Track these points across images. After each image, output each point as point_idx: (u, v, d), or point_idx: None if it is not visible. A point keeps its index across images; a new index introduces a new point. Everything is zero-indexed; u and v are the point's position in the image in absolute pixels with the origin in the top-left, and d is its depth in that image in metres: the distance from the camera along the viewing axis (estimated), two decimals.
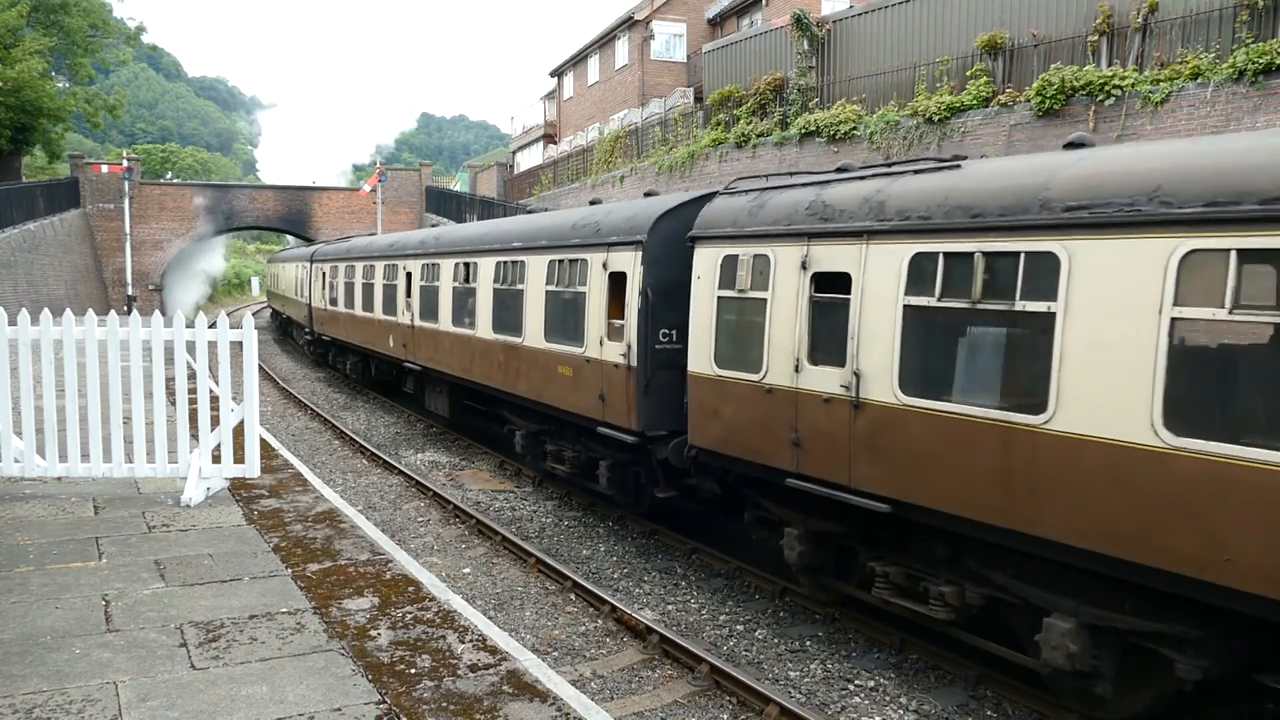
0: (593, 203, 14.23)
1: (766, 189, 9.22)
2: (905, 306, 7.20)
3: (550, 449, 13.21)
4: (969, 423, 6.65)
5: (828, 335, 7.94)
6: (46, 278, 33.15)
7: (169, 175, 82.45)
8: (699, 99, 30.67)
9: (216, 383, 8.87)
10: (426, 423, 19.41)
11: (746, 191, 9.49)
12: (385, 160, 50.94)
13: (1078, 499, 5.98)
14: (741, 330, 8.99)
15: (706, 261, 9.40)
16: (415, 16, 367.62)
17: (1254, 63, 13.62)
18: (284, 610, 5.94)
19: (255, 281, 73.09)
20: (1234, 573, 5.18)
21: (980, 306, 6.61)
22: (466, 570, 10.20)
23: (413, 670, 5.15)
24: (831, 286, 7.96)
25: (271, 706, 4.62)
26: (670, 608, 9.17)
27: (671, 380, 10.19)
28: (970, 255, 6.69)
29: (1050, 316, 6.14)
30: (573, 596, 9.38)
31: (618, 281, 10.95)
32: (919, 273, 7.12)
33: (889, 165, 8.47)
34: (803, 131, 22.04)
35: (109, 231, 41.98)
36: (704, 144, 25.93)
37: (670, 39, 37.27)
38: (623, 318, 10.80)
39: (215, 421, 8.60)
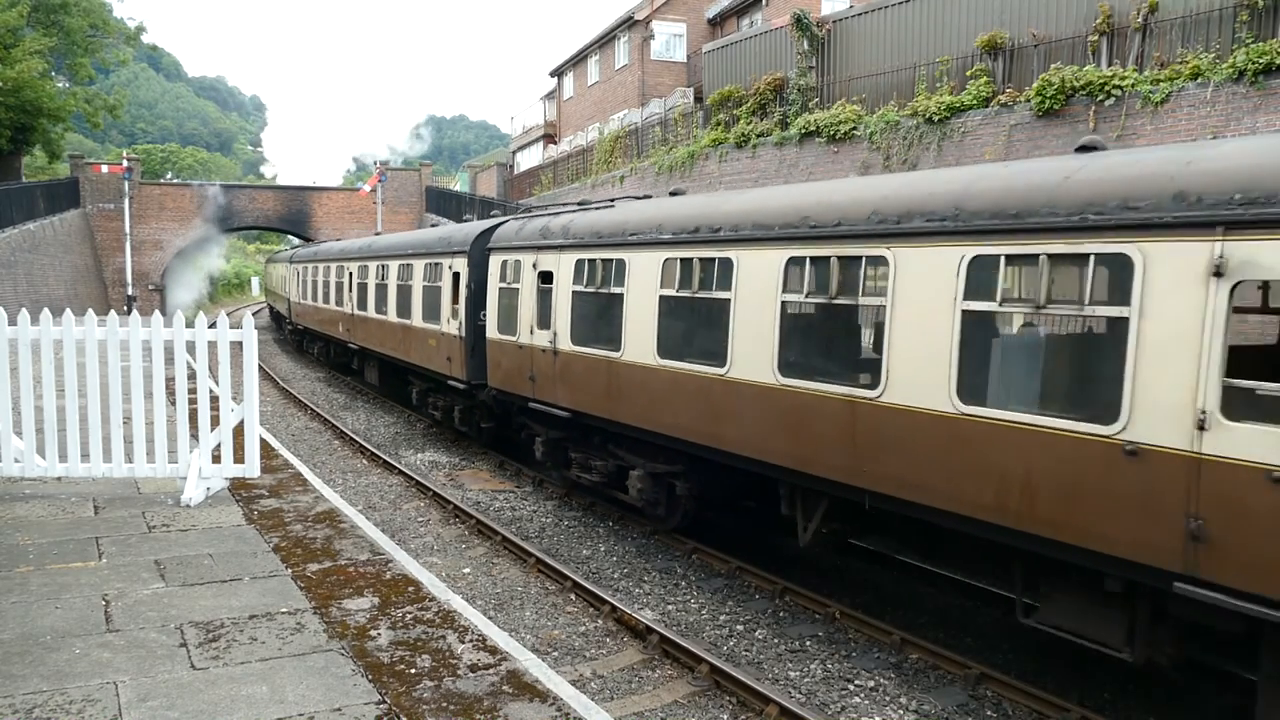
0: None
1: (529, 217, 13.79)
2: (573, 291, 11.62)
3: (430, 400, 17.91)
4: (596, 358, 11.09)
5: (544, 311, 12.33)
6: (46, 278, 33.15)
7: (169, 175, 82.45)
8: (699, 99, 30.67)
9: (216, 383, 8.87)
10: (426, 423, 19.42)
11: (520, 218, 14.20)
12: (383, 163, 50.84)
13: (633, 397, 10.36)
14: (509, 309, 13.37)
15: (495, 264, 13.92)
16: (415, 17, 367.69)
17: (1254, 63, 13.62)
18: (284, 610, 5.94)
19: (255, 281, 73.11)
20: (683, 430, 9.60)
21: (599, 290, 11.07)
22: (466, 570, 10.20)
23: (413, 670, 5.15)
24: (547, 280, 12.30)
25: (271, 706, 4.62)
26: (670, 608, 9.17)
27: (486, 346, 14.26)
28: (596, 261, 11.17)
29: (621, 296, 10.55)
30: (573, 596, 9.38)
31: (456, 279, 15.36)
32: (579, 271, 11.50)
33: (585, 204, 12.92)
34: (803, 131, 22.04)
35: (109, 231, 41.96)
36: (704, 144, 25.93)
37: (670, 39, 37.27)
38: (458, 303, 15.15)
39: (215, 421, 8.60)
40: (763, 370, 8.42)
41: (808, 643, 8.27)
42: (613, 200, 12.53)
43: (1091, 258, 5.95)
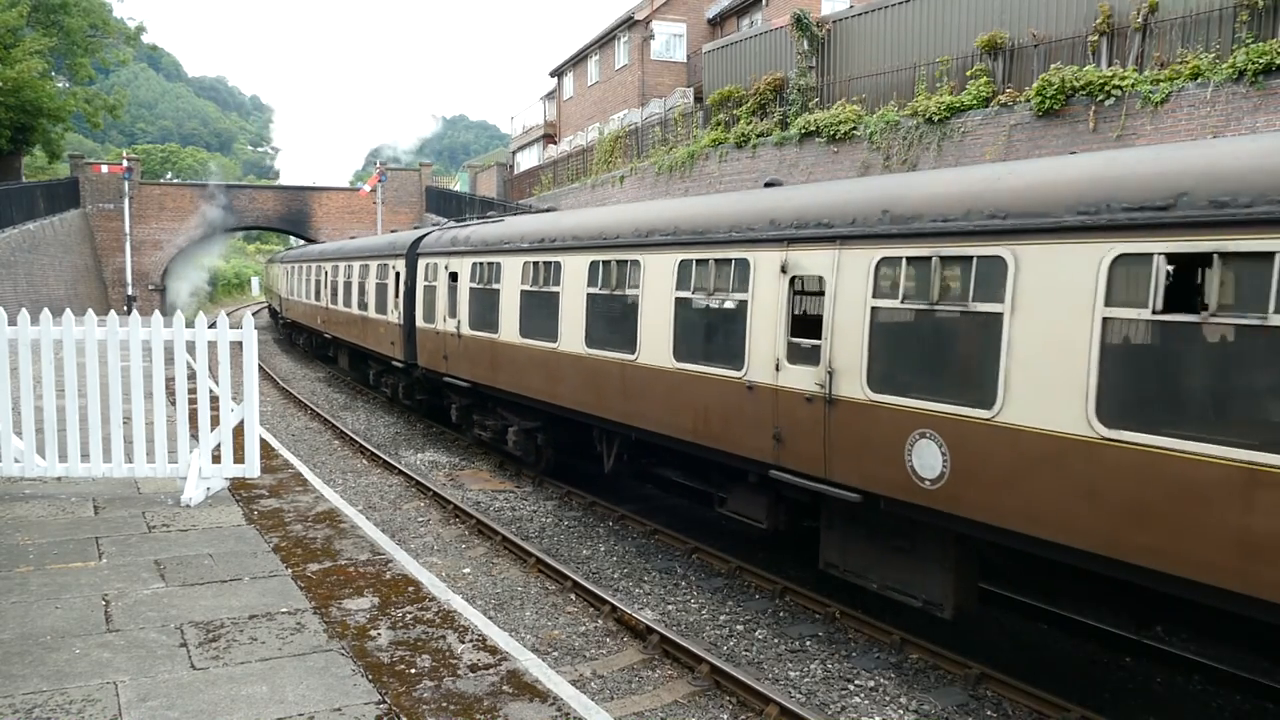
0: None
1: (444, 229, 17.89)
2: (470, 288, 14.86)
3: (382, 380, 21.80)
4: (485, 340, 14.21)
5: (453, 303, 15.62)
6: (46, 278, 33.14)
7: (169, 175, 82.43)
8: (699, 99, 30.65)
9: (216, 383, 8.87)
10: (426, 423, 19.42)
11: (439, 230, 18.36)
12: (384, 161, 50.83)
13: (507, 369, 13.49)
14: (431, 302, 16.70)
15: (422, 266, 17.41)
16: (414, 17, 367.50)
17: (1254, 63, 13.62)
18: (284, 610, 5.94)
19: (255, 281, 73.14)
20: (537, 392, 12.60)
21: (486, 287, 14.19)
22: (466, 570, 10.20)
23: (413, 670, 5.15)
24: (454, 279, 15.63)
25: (271, 706, 4.62)
26: (670, 608, 9.17)
27: (416, 333, 17.71)
28: (484, 263, 14.34)
29: (498, 291, 13.67)
30: (573, 596, 9.38)
31: (398, 277, 18.70)
32: (474, 272, 14.75)
33: (484, 219, 17.10)
34: (803, 131, 22.04)
35: (109, 231, 41.94)
36: (704, 144, 25.92)
37: (670, 39, 37.25)
38: (398, 297, 18.59)
39: (215, 421, 8.59)
40: (577, 344, 11.51)
41: (808, 643, 8.27)
42: (502, 216, 17.26)
43: (732, 261, 8.92)
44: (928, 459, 6.90)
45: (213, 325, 8.52)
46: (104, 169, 42.75)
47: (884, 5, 22.08)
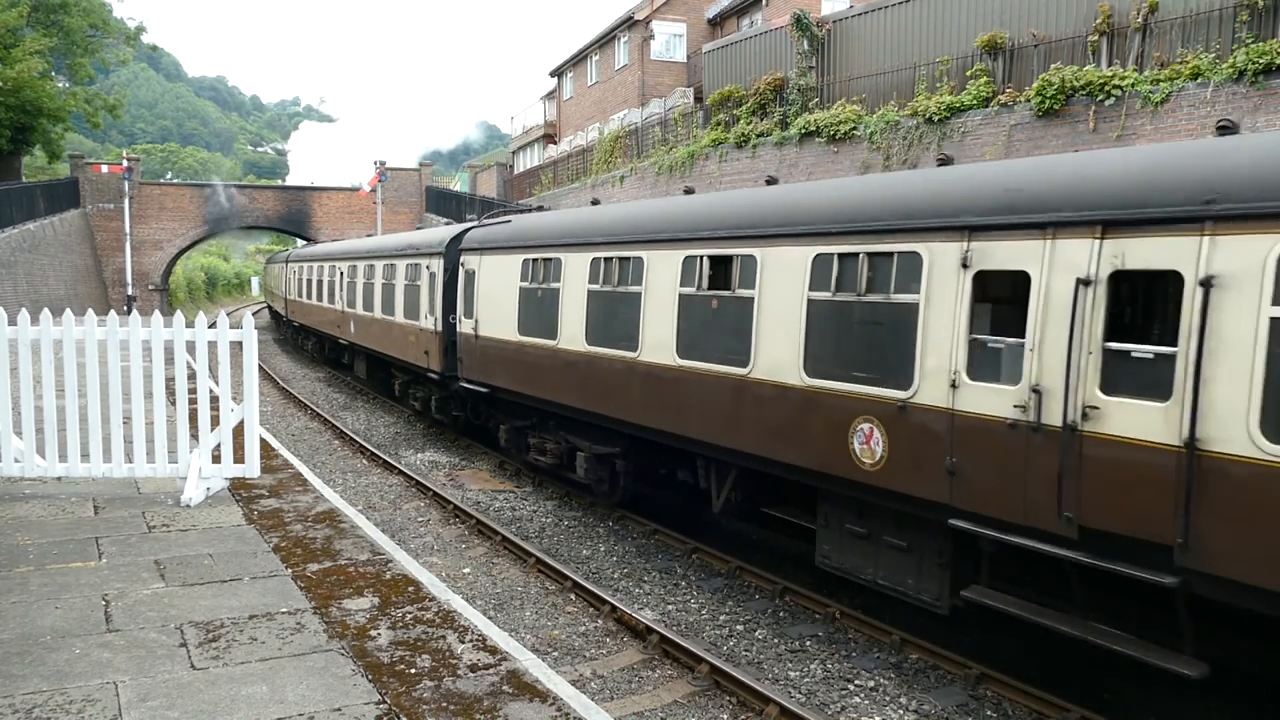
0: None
1: (295, 250, 38.21)
2: (295, 279, 32.98)
3: (283, 329, 39.66)
4: (299, 301, 32.24)
5: (294, 285, 33.37)
6: (46, 278, 33.14)
7: (168, 175, 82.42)
8: (699, 99, 30.64)
9: (216, 383, 8.87)
10: (426, 423, 19.43)
11: (295, 249, 37.99)
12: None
13: (310, 315, 30.64)
14: (290, 285, 34.24)
15: (288, 267, 35.12)
16: (413, 16, 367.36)
17: (1254, 63, 13.61)
18: (284, 610, 5.94)
19: (255, 281, 73.20)
20: (315, 325, 29.89)
21: (300, 278, 31.89)
22: (466, 570, 10.20)
23: (413, 670, 5.15)
24: (294, 274, 33.02)
25: (271, 706, 4.62)
26: (670, 608, 9.16)
27: (294, 305, 33.87)
28: (300, 265, 32.01)
29: (303, 280, 31.37)
30: (573, 596, 9.38)
31: (280, 272, 38.19)
32: (297, 270, 32.42)
33: (310, 243, 41.46)
34: (803, 131, 22.03)
35: (109, 231, 41.93)
36: (704, 144, 25.91)
37: (670, 39, 37.24)
38: (277, 284, 39.60)
39: (215, 421, 8.59)
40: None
41: (808, 643, 8.27)
42: (327, 241, 35.43)
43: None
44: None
45: (213, 325, 8.52)
46: (104, 169, 42.73)
47: (884, 5, 22.06)
